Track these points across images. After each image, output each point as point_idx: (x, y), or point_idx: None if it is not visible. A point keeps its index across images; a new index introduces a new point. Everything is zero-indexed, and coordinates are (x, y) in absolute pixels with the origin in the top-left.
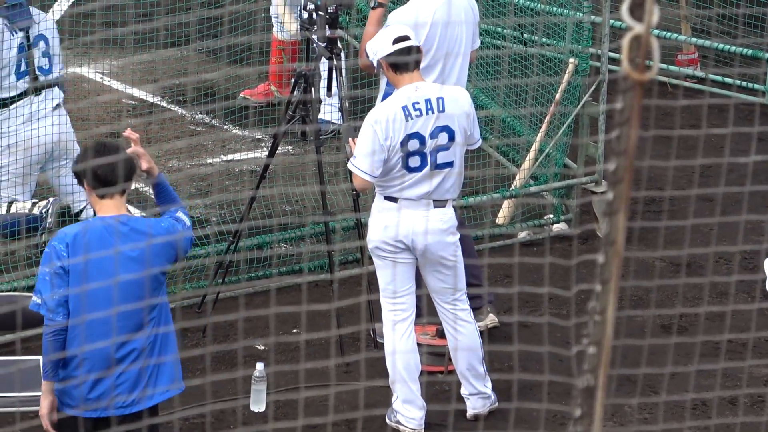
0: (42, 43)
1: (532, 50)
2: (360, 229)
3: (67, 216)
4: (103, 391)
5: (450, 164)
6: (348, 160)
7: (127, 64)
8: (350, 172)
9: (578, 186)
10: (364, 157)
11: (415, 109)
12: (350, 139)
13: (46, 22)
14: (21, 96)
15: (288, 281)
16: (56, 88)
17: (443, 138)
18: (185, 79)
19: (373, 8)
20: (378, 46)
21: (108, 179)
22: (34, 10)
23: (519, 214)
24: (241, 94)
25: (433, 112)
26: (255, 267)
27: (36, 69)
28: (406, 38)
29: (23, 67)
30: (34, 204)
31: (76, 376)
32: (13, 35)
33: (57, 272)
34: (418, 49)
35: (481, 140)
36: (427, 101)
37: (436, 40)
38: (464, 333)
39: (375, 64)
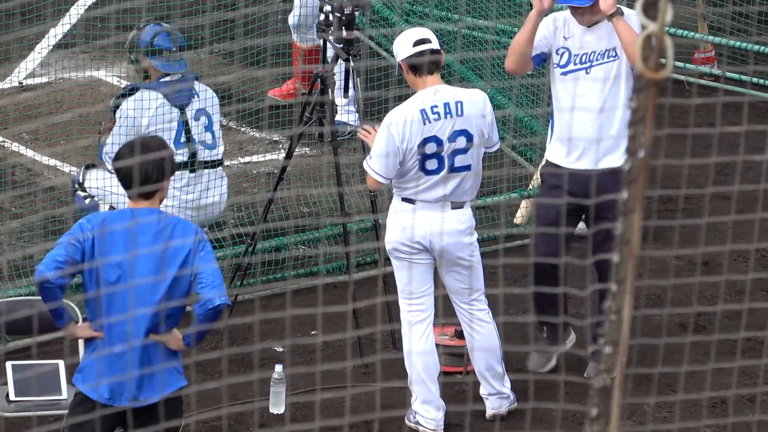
0: (204, 118)
1: None
2: (377, 230)
3: None
4: (133, 380)
5: (467, 167)
6: (365, 155)
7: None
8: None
9: None
10: (379, 158)
11: (434, 113)
12: (363, 128)
13: (208, 98)
14: (178, 167)
15: (305, 283)
16: (219, 169)
17: (461, 141)
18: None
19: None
20: (399, 48)
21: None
22: (198, 85)
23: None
24: (269, 94)
25: (451, 116)
26: (272, 269)
27: (198, 144)
28: (426, 41)
29: (182, 139)
30: None
31: (122, 363)
32: (171, 110)
33: (72, 243)
34: (438, 52)
35: (499, 144)
36: (446, 105)
37: None
38: (482, 333)
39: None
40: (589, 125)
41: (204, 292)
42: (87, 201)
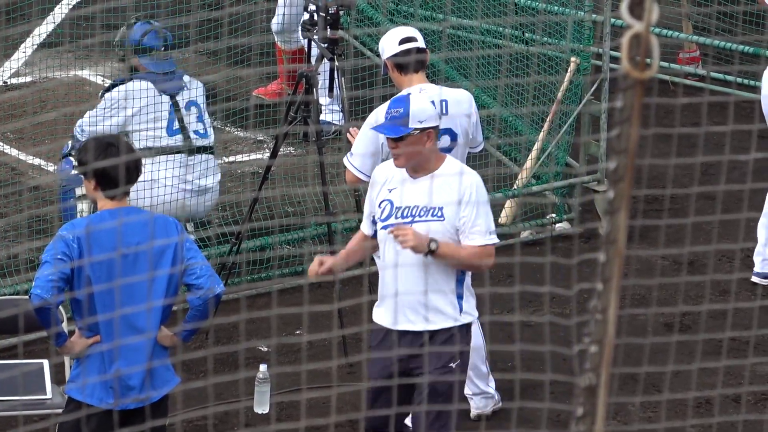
0: (194, 109)
1: (533, 49)
2: None
3: None
4: (138, 380)
5: None
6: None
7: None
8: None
9: (580, 185)
10: (361, 156)
11: None
12: (351, 129)
13: (197, 90)
14: (174, 151)
15: (290, 282)
16: (212, 157)
17: (445, 140)
18: None
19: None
20: (385, 46)
21: (116, 180)
22: (186, 78)
23: (521, 214)
24: (254, 93)
25: None
26: (257, 268)
27: (192, 132)
28: (412, 39)
29: (175, 126)
30: None
31: (112, 369)
32: (163, 98)
33: (59, 257)
34: (423, 51)
35: (483, 144)
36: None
37: None
38: None
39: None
40: (403, 285)
41: (200, 282)
42: (74, 171)
